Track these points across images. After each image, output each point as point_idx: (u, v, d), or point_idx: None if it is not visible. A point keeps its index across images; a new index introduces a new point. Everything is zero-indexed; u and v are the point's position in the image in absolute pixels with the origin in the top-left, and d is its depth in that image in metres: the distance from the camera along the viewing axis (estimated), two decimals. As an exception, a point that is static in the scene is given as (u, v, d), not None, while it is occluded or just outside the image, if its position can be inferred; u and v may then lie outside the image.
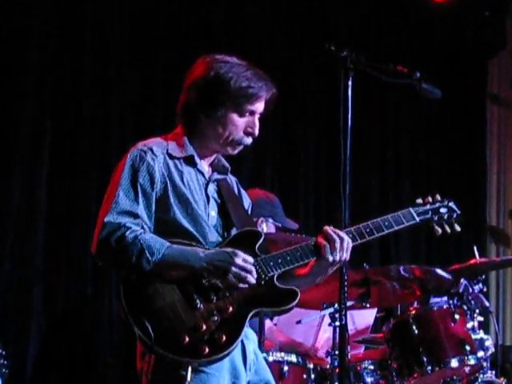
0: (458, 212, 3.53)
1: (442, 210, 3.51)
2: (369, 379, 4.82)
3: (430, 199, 3.51)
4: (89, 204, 5.52)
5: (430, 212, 3.48)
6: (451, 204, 3.53)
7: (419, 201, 3.49)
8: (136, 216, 3.11)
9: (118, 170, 3.21)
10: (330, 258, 3.21)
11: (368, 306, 4.77)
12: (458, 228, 3.52)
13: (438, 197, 3.52)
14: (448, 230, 3.50)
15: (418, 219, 3.43)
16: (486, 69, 8.04)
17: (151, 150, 3.22)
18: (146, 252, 3.03)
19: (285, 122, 6.86)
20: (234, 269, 3.07)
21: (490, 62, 8.07)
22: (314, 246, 3.23)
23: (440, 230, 3.49)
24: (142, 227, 3.12)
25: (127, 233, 3.05)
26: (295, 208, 6.54)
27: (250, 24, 6.72)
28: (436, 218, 3.48)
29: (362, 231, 3.30)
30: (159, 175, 3.19)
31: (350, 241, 3.23)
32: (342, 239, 3.21)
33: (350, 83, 3.40)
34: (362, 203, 5.76)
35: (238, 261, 3.08)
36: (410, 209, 3.43)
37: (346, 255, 3.23)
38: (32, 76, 5.58)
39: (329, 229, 3.24)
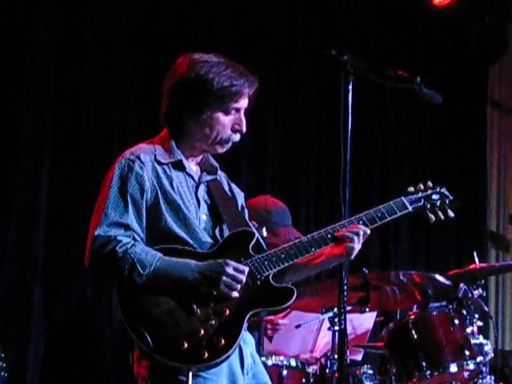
0: (451, 197, 3.50)
1: (435, 197, 3.48)
2: (368, 384, 4.82)
3: (422, 187, 3.48)
4: (89, 206, 5.48)
5: (423, 200, 3.45)
6: (443, 190, 3.51)
7: (411, 189, 3.46)
8: (127, 227, 3.10)
9: (106, 180, 3.19)
10: (352, 254, 3.27)
11: (367, 310, 4.77)
12: (451, 214, 3.49)
13: (430, 183, 3.50)
14: (442, 216, 3.47)
15: (410, 208, 3.41)
16: (487, 74, 8.04)
17: (139, 158, 3.19)
18: (138, 266, 3.02)
19: (285, 125, 6.86)
20: (225, 278, 3.06)
21: (492, 67, 8.07)
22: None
23: (434, 218, 3.46)
24: (134, 238, 3.10)
25: (117, 247, 3.03)
26: (296, 212, 6.53)
27: (251, 26, 6.73)
28: (429, 206, 3.46)
29: (355, 224, 3.32)
30: (149, 184, 3.17)
31: (367, 231, 3.29)
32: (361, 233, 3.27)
33: (350, 87, 3.41)
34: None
35: (229, 270, 3.07)
36: (402, 198, 3.42)
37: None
38: (34, 78, 5.58)
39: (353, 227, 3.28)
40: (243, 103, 3.29)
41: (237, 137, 3.32)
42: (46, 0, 5.70)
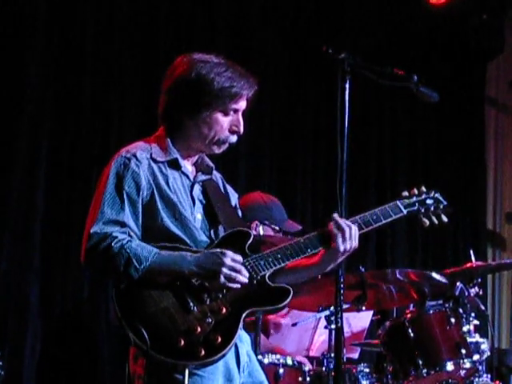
0: (445, 203, 3.51)
1: (429, 202, 3.49)
2: (364, 382, 4.82)
3: (416, 191, 3.49)
4: (86, 205, 5.47)
5: (417, 204, 3.47)
6: (437, 195, 3.52)
7: (405, 193, 3.48)
8: (122, 224, 3.10)
9: (102, 178, 3.20)
10: (341, 248, 3.24)
11: (364, 308, 4.77)
12: (445, 219, 3.50)
13: (424, 188, 3.51)
14: (435, 221, 3.49)
15: (405, 211, 3.43)
16: (484, 71, 8.05)
17: (135, 156, 3.20)
18: (134, 261, 3.02)
19: (282, 123, 6.86)
20: (224, 269, 3.06)
21: (489, 65, 8.08)
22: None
23: (427, 222, 3.48)
24: (129, 235, 3.10)
25: (113, 242, 3.03)
26: (293, 210, 6.53)
27: (250, 24, 6.73)
28: (423, 210, 3.47)
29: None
30: (145, 182, 3.17)
31: (356, 229, 3.26)
32: (350, 228, 3.24)
33: (347, 86, 3.41)
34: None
35: (227, 261, 3.07)
36: (397, 201, 3.43)
37: (355, 243, 3.26)
38: (32, 77, 5.57)
39: (339, 219, 3.26)
40: (242, 105, 3.30)
41: (234, 138, 3.32)
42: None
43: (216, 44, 6.30)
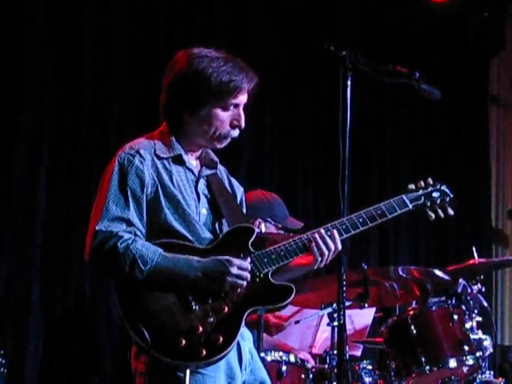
0: (451, 195, 3.48)
1: (435, 195, 3.45)
2: (367, 379, 4.82)
3: (423, 184, 3.46)
4: (87, 204, 5.45)
5: (423, 197, 3.43)
6: (444, 188, 3.49)
7: (411, 186, 3.44)
8: (128, 222, 3.08)
9: (106, 175, 3.17)
10: (321, 264, 3.25)
11: (366, 305, 4.77)
12: (451, 212, 3.46)
13: (431, 181, 3.48)
14: (441, 214, 3.45)
15: (410, 206, 3.39)
16: (487, 69, 8.05)
17: (139, 152, 3.17)
18: (139, 262, 3.00)
19: (283, 120, 6.85)
20: (229, 278, 3.05)
21: (490, 63, 8.08)
22: (304, 246, 3.24)
23: (433, 215, 3.44)
24: (135, 234, 3.08)
25: (119, 242, 3.01)
26: (294, 210, 6.52)
27: (250, 23, 6.72)
28: (429, 204, 3.44)
29: (355, 222, 3.28)
30: (148, 178, 3.15)
31: (339, 247, 3.25)
32: (329, 249, 3.23)
33: (348, 83, 3.40)
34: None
35: (234, 270, 3.05)
36: (403, 196, 3.40)
37: (333, 256, 3.25)
38: (31, 76, 5.57)
39: (318, 237, 3.23)
40: (242, 99, 3.26)
41: (235, 132, 3.29)
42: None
43: (216, 44, 6.27)
